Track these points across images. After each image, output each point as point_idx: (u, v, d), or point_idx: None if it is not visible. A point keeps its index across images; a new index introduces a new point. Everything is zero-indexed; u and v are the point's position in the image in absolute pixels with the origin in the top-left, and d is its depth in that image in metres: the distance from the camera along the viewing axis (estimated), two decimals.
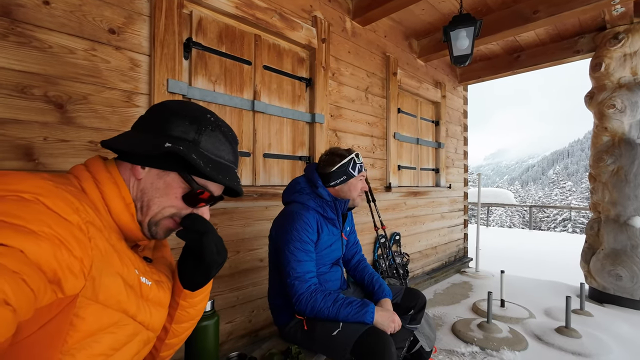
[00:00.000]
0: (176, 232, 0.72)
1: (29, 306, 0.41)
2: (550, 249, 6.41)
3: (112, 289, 0.55)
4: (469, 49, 2.49)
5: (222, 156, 0.71)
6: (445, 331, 2.42)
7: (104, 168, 0.64)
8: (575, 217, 24.07)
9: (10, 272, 0.39)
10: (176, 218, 0.69)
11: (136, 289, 0.62)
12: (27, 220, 0.44)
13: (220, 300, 1.82)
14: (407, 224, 3.43)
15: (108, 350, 0.56)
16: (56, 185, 0.52)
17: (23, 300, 0.40)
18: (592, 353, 2.09)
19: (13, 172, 0.50)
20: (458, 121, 4.42)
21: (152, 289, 0.66)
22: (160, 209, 0.67)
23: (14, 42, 1.20)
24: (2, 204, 0.44)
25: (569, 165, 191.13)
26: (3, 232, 0.41)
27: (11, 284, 0.39)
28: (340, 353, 1.24)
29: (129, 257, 0.62)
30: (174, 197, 0.67)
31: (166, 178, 0.67)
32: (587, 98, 3.35)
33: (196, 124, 0.67)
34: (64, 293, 0.47)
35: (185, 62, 1.73)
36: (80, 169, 0.64)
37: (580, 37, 3.37)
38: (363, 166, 1.52)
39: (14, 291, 0.39)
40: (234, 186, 0.68)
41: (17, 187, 0.47)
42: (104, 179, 0.63)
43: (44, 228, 0.45)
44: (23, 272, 0.40)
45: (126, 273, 0.59)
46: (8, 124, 1.19)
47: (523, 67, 3.85)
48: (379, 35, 3.03)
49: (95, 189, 0.61)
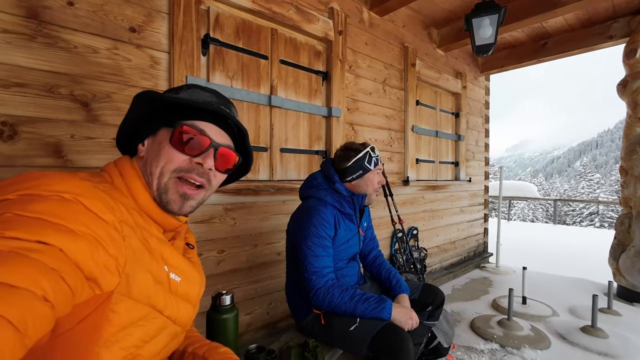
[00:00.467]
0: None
1: (67, 302, 0.43)
2: (575, 244, 6.17)
3: (142, 284, 0.57)
4: (492, 38, 2.39)
5: (198, 98, 0.70)
6: (463, 327, 2.39)
7: (130, 164, 0.68)
8: (603, 211, 23.04)
9: (50, 270, 0.41)
10: (184, 175, 0.66)
11: (165, 285, 0.64)
12: (67, 220, 0.46)
13: (239, 293, 1.86)
14: (425, 218, 3.38)
15: (139, 342, 0.59)
16: (94, 185, 0.54)
17: (61, 296, 0.42)
18: (619, 354, 2.01)
19: (54, 173, 0.52)
20: (479, 112, 4.28)
21: (180, 284, 0.67)
22: (161, 170, 0.66)
23: (42, 43, 1.24)
24: (45, 203, 0.46)
25: (597, 156, 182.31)
26: (44, 230, 0.43)
27: (50, 281, 0.40)
28: (357, 348, 1.25)
29: (160, 253, 0.65)
30: (166, 149, 0.66)
31: (157, 138, 0.69)
32: (619, 86, 3.16)
33: (175, 89, 0.72)
34: (101, 289, 0.49)
35: (203, 58, 1.75)
36: (111, 166, 0.68)
37: (614, 22, 3.16)
38: (379, 159, 1.49)
39: (53, 288, 0.40)
40: (209, 107, 0.67)
41: (58, 188, 0.49)
42: (129, 174, 0.66)
43: (82, 227, 0.47)
44: (62, 270, 0.42)
45: (156, 270, 0.61)
46: (38, 123, 1.25)
47: (550, 55, 3.66)
48: (397, 26, 2.96)
49: (123, 184, 0.65)
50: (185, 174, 0.67)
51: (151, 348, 0.62)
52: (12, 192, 0.47)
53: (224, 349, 0.78)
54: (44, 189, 0.48)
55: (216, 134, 0.70)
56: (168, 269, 0.65)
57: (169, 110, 0.69)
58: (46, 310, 0.39)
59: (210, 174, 0.70)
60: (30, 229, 0.42)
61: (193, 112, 0.68)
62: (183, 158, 0.66)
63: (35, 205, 0.45)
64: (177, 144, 0.65)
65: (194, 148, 0.66)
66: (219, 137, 0.70)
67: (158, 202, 0.66)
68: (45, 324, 0.40)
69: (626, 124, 3.12)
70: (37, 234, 0.42)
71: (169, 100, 0.67)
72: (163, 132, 0.68)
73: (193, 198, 0.69)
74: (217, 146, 0.69)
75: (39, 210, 0.45)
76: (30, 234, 0.42)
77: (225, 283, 1.80)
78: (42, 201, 0.46)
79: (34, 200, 0.46)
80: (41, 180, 0.49)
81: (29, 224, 0.43)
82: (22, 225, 0.42)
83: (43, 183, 0.49)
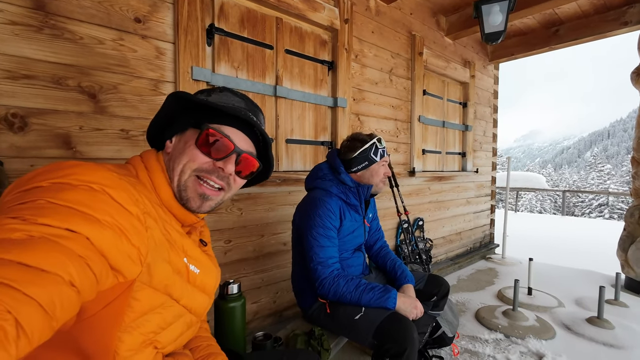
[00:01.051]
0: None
1: (92, 289, 0.45)
2: (583, 236, 6.11)
3: (162, 274, 0.60)
4: (502, 25, 2.33)
5: (227, 102, 0.73)
6: (468, 317, 2.40)
7: (155, 157, 0.70)
8: (613, 203, 22.70)
9: (77, 257, 0.43)
10: (204, 175, 0.68)
11: (183, 276, 0.66)
12: (94, 210, 0.48)
13: (246, 282, 1.89)
14: (431, 209, 3.37)
15: (156, 328, 0.61)
16: (120, 177, 0.56)
17: (87, 283, 0.44)
18: (625, 345, 2.00)
19: (84, 163, 0.54)
20: (487, 102, 4.21)
21: (199, 276, 0.70)
22: (182, 167, 0.68)
23: (49, 35, 1.25)
24: (74, 192, 0.48)
25: (608, 146, 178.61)
26: (73, 219, 0.45)
27: (77, 267, 0.42)
28: (362, 336, 1.27)
29: (181, 245, 0.67)
30: (191, 148, 0.68)
31: (184, 137, 0.71)
32: (633, 75, 3.07)
33: (207, 91, 0.75)
34: (124, 277, 0.51)
35: (208, 48, 1.74)
36: (137, 159, 0.70)
37: (630, 7, 3.05)
38: (386, 151, 1.49)
39: (79, 274, 0.42)
40: (237, 112, 0.69)
41: (87, 178, 0.51)
42: (154, 168, 0.68)
43: (107, 218, 0.49)
44: (88, 257, 0.44)
45: (175, 261, 0.64)
46: (47, 114, 1.26)
47: (562, 42, 3.56)
48: (405, 13, 2.90)
49: (148, 178, 0.67)
50: (206, 175, 0.68)
51: (167, 335, 0.64)
52: (45, 180, 0.49)
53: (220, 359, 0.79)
54: (74, 179, 0.50)
55: (240, 140, 0.71)
56: (187, 261, 0.67)
57: (199, 112, 0.71)
58: (73, 295, 0.41)
59: (230, 178, 0.72)
60: (61, 216, 0.44)
61: (222, 116, 0.70)
62: (206, 160, 0.68)
63: (66, 194, 0.47)
64: (202, 146, 0.68)
65: (218, 151, 0.68)
66: (243, 143, 0.72)
67: (178, 198, 0.68)
68: (72, 308, 0.42)
69: (639, 113, 3.04)
70: (66, 221, 0.44)
71: (200, 102, 0.70)
72: (191, 132, 0.70)
73: (212, 199, 0.71)
74: (240, 152, 0.71)
75: (69, 199, 0.47)
76: (60, 221, 0.44)
77: (233, 272, 1.83)
78: (72, 190, 0.48)
79: (64, 189, 0.48)
80: (72, 169, 0.51)
81: (60, 211, 0.45)
82: (53, 213, 0.44)
83: (74, 172, 0.51)
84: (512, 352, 1.93)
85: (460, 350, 1.96)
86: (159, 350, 0.63)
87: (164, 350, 0.65)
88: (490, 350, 1.95)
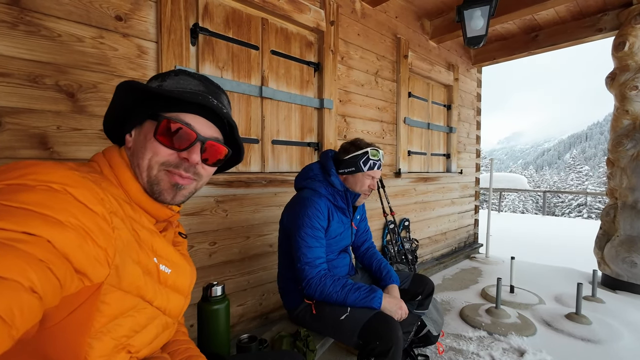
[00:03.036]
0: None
1: (55, 294, 0.43)
2: (563, 234, 6.31)
3: (131, 276, 0.57)
4: (484, 30, 2.39)
5: (184, 87, 0.68)
6: (453, 316, 2.44)
7: (117, 153, 0.67)
8: (591, 203, 23.53)
9: (37, 261, 0.40)
10: (172, 169, 0.66)
11: (154, 276, 0.63)
12: (55, 211, 0.45)
13: (231, 284, 1.87)
14: (417, 209, 3.42)
15: (129, 332, 0.59)
16: (82, 175, 0.53)
17: (49, 288, 0.41)
18: (602, 339, 2.08)
19: (42, 162, 0.51)
20: (471, 105, 4.31)
21: (170, 276, 0.67)
22: (148, 162, 0.65)
23: (24, 31, 1.21)
24: (32, 193, 0.45)
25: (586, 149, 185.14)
26: (32, 221, 0.42)
27: (38, 272, 0.40)
28: (348, 336, 1.27)
29: (150, 245, 0.64)
30: (151, 142, 0.64)
31: (143, 130, 0.67)
32: (608, 79, 3.20)
33: (162, 76, 0.70)
34: (90, 281, 0.49)
35: (193, 48, 1.72)
36: (99, 156, 0.67)
37: (604, 14, 3.19)
38: (377, 165, 1.46)
39: (40, 279, 0.40)
40: (194, 99, 0.64)
41: (46, 178, 0.48)
42: (117, 164, 0.65)
43: (70, 219, 0.46)
44: (49, 261, 0.42)
45: (145, 261, 0.61)
46: (22, 114, 1.22)
47: (541, 48, 3.68)
48: (390, 16, 2.94)
49: (113, 174, 0.64)
50: (173, 169, 0.66)
51: (142, 338, 0.62)
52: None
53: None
54: (32, 179, 0.47)
55: (203, 126, 0.67)
56: (158, 261, 0.65)
57: (154, 101, 0.67)
58: (33, 302, 0.39)
59: (198, 167, 0.69)
60: (17, 219, 0.42)
61: (179, 103, 0.66)
62: (169, 152, 0.65)
63: (22, 195, 0.44)
64: (162, 138, 0.64)
65: (180, 142, 0.65)
66: (207, 129, 0.68)
67: (149, 192, 0.66)
68: (33, 316, 0.39)
69: (614, 117, 3.17)
70: (23, 224, 0.42)
71: (152, 91, 0.64)
72: (148, 124, 0.66)
73: (185, 188, 0.68)
74: (203, 140, 0.67)
75: (26, 200, 0.44)
76: (16, 224, 0.41)
77: (218, 275, 1.81)
78: (29, 191, 0.45)
79: (20, 190, 0.45)
80: (29, 169, 0.48)
81: (16, 214, 0.42)
82: (8, 216, 0.41)
83: (30, 172, 0.48)
84: (495, 349, 1.97)
85: (445, 348, 1.99)
86: (132, 355, 0.61)
87: (138, 354, 0.63)
88: (474, 348, 1.98)
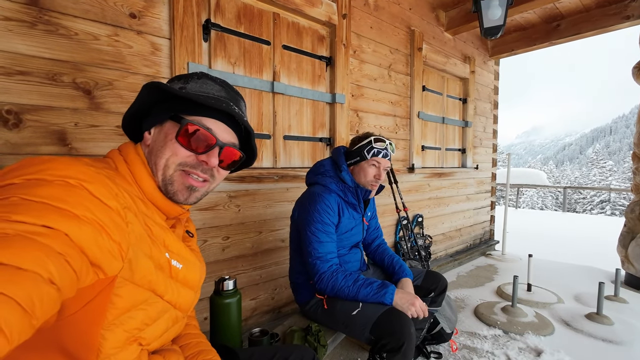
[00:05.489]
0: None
1: (72, 286, 0.44)
2: (584, 232, 6.09)
3: (144, 270, 0.59)
4: (502, 20, 2.31)
5: (207, 91, 0.71)
6: (467, 314, 2.40)
7: (134, 150, 0.69)
8: (614, 199, 22.63)
9: (56, 254, 0.42)
10: (189, 170, 0.68)
11: (166, 271, 0.65)
12: (72, 205, 0.47)
13: (244, 278, 1.89)
14: (431, 205, 3.37)
15: (140, 325, 0.61)
16: (97, 171, 0.54)
17: (67, 280, 0.42)
18: (624, 340, 2.00)
19: (59, 158, 0.52)
20: (487, 98, 4.19)
21: (181, 271, 0.69)
22: (165, 162, 0.67)
23: (42, 31, 1.24)
24: (50, 188, 0.47)
25: (610, 143, 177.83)
26: (50, 215, 0.44)
27: (56, 264, 0.41)
28: (359, 332, 1.26)
29: (162, 240, 0.66)
30: (172, 142, 0.67)
31: (163, 129, 0.69)
32: (635, 70, 3.04)
33: (185, 77, 0.72)
34: (105, 274, 0.50)
35: (205, 44, 1.73)
36: (115, 152, 0.69)
37: (632, 1, 3.02)
38: (382, 153, 1.43)
39: (59, 271, 0.41)
40: (218, 105, 0.67)
41: (63, 173, 0.49)
42: (134, 161, 0.67)
43: (86, 213, 0.48)
44: (67, 254, 0.43)
45: (157, 256, 0.63)
46: (42, 111, 1.26)
47: (563, 37, 3.53)
48: (404, 8, 2.88)
49: (128, 171, 0.66)
50: (190, 169, 0.68)
51: (152, 331, 0.64)
52: (18, 177, 0.47)
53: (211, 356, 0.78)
54: (49, 174, 0.48)
55: (222, 131, 0.70)
56: (169, 256, 0.66)
57: (177, 102, 0.69)
58: (52, 293, 0.40)
59: (214, 170, 0.72)
60: (36, 213, 0.43)
61: (202, 108, 0.68)
62: (188, 153, 0.67)
63: (41, 189, 0.46)
64: (183, 140, 0.66)
65: (200, 145, 0.67)
66: (225, 135, 0.71)
67: (163, 191, 0.67)
68: (52, 306, 0.41)
69: None
70: (43, 218, 0.43)
71: (180, 95, 0.67)
72: (170, 125, 0.68)
73: (199, 190, 0.71)
74: (222, 145, 0.70)
75: (45, 195, 0.45)
76: (36, 217, 0.42)
77: (231, 269, 1.83)
78: (47, 186, 0.47)
79: (39, 185, 0.46)
80: (46, 165, 0.50)
81: (35, 208, 0.43)
82: (28, 209, 0.43)
83: (48, 168, 0.49)
84: (511, 348, 1.93)
85: (459, 346, 1.96)
86: (144, 347, 0.62)
87: (149, 347, 0.64)
88: (489, 346, 1.95)
